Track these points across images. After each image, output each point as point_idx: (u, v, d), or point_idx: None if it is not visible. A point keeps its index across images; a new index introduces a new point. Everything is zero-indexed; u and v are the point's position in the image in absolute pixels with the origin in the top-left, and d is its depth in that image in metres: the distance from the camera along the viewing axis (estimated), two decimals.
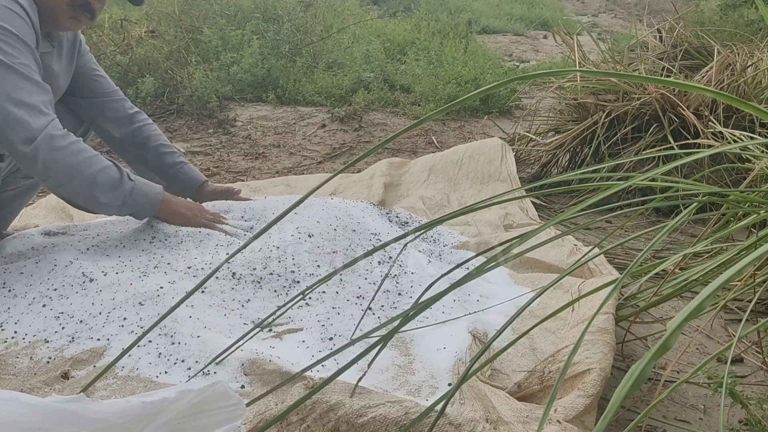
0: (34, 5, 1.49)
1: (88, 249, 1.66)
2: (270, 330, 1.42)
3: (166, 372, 1.24)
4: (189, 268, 1.61)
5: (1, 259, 1.60)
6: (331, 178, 0.88)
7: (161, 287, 1.49)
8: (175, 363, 1.26)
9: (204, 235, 1.72)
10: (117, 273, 1.54)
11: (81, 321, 1.38)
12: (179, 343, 1.30)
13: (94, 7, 1.56)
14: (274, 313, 1.14)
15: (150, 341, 1.31)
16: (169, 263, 1.61)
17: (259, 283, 1.59)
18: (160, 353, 1.28)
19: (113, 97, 1.87)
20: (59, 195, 1.59)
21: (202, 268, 1.60)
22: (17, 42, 1.41)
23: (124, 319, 1.39)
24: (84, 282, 1.49)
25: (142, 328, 1.36)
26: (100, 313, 1.40)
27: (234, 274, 1.60)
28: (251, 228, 1.83)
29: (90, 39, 3.99)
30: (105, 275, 1.52)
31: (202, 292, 1.51)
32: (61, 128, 1.48)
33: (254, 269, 1.62)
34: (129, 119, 1.88)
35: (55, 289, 1.47)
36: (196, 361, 1.26)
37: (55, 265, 1.56)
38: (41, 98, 1.45)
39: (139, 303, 1.44)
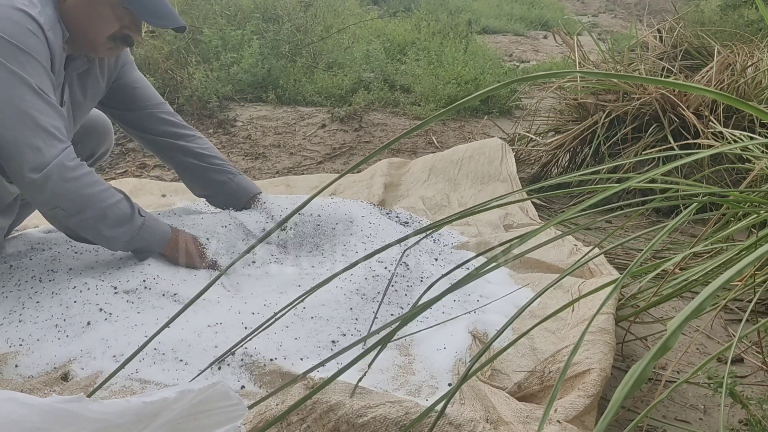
0: (59, 27, 1.43)
1: (88, 250, 1.65)
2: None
3: (166, 372, 1.24)
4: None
5: (1, 259, 1.60)
6: (335, 180, 0.88)
7: (160, 286, 1.49)
8: (175, 363, 1.26)
9: (208, 235, 1.72)
10: (117, 273, 1.54)
11: (81, 321, 1.38)
12: (179, 343, 1.30)
13: (133, 39, 1.54)
14: (275, 314, 1.14)
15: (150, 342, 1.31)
16: (170, 263, 1.61)
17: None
18: (159, 353, 1.29)
19: (159, 109, 1.82)
20: (61, 226, 1.49)
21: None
22: (32, 62, 1.35)
23: (125, 318, 1.39)
24: (84, 282, 1.49)
25: (141, 326, 1.36)
26: (100, 313, 1.40)
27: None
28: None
29: None
30: (104, 275, 1.52)
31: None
32: (74, 157, 1.41)
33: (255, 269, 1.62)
34: (178, 134, 1.83)
35: (54, 290, 1.47)
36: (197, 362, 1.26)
37: (56, 266, 1.56)
38: (56, 123, 1.38)
39: (139, 303, 1.44)
